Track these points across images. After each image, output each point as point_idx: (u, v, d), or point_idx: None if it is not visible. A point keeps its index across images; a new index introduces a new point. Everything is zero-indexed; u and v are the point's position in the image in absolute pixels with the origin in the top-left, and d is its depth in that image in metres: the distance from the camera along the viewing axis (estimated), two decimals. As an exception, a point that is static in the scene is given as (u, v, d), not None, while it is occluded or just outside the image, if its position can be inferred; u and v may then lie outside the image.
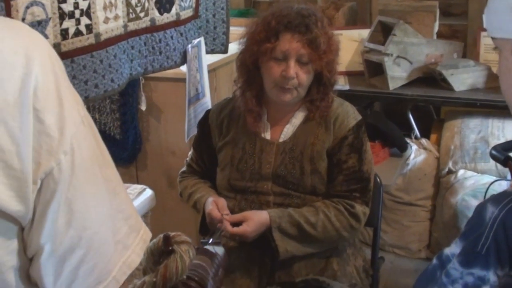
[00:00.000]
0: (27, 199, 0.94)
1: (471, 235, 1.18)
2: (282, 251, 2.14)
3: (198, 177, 2.48)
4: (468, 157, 3.85)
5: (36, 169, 0.93)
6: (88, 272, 1.02)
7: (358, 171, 2.21)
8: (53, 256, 0.99)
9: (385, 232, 4.10)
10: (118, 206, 1.07)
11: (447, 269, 1.19)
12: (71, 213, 0.98)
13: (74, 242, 0.99)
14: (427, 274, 1.27)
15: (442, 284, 1.19)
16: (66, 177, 0.96)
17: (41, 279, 1.03)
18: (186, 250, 1.38)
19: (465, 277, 1.16)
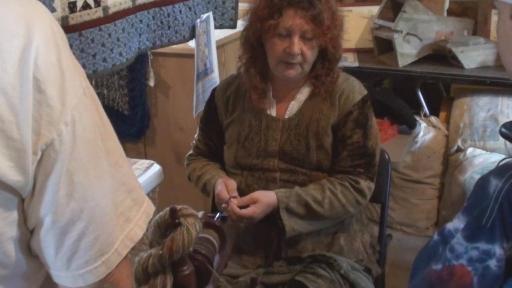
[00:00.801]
0: (27, 169, 0.93)
1: (474, 209, 1.17)
2: (289, 230, 2.15)
3: (206, 159, 2.48)
4: (477, 135, 3.84)
5: (36, 140, 0.93)
6: (90, 245, 1.02)
7: (363, 147, 2.20)
8: (54, 228, 0.99)
9: (393, 210, 4.10)
10: (121, 179, 1.07)
11: (451, 244, 1.18)
12: (72, 184, 0.97)
13: (76, 214, 0.99)
14: (428, 250, 1.26)
15: (447, 259, 1.18)
16: (67, 148, 0.96)
17: (42, 251, 1.03)
18: (192, 223, 1.37)
19: (470, 251, 1.15)
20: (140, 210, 1.11)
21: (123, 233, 1.07)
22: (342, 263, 2.18)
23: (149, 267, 1.35)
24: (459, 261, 1.16)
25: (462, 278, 1.16)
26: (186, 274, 1.40)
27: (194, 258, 1.47)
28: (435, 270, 1.20)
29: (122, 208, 1.07)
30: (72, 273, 1.04)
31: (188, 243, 1.35)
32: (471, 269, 1.15)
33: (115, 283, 1.09)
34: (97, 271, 1.04)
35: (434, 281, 1.19)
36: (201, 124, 2.48)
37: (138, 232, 1.10)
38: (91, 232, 1.01)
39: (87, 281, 1.05)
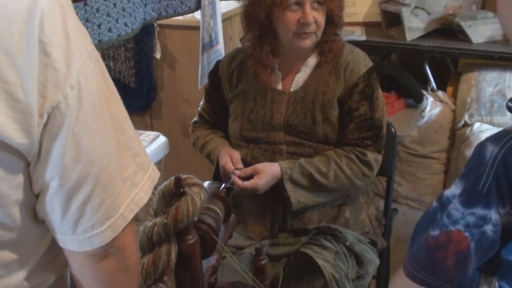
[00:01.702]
0: (32, 132, 0.93)
1: (471, 175, 1.17)
2: (294, 202, 2.14)
3: (210, 127, 2.47)
4: (484, 110, 3.82)
5: (42, 103, 0.93)
6: (96, 208, 1.03)
7: (370, 119, 2.19)
8: (60, 192, 1.00)
9: (399, 184, 4.09)
10: (126, 144, 1.07)
11: (448, 210, 1.18)
12: (78, 148, 0.97)
13: (82, 177, 0.99)
14: (427, 217, 1.26)
15: (444, 225, 1.18)
16: (73, 111, 0.96)
17: (48, 216, 1.04)
18: (197, 193, 1.37)
19: (467, 217, 1.15)
20: (145, 175, 1.12)
21: (129, 197, 1.07)
22: (348, 235, 2.18)
23: (153, 236, 1.36)
24: (456, 227, 1.16)
25: (459, 244, 1.16)
26: (191, 243, 1.41)
27: (199, 227, 1.47)
28: (432, 236, 1.20)
29: (127, 173, 1.07)
30: (78, 237, 1.04)
31: (192, 212, 1.35)
32: (468, 235, 1.16)
33: (120, 247, 1.10)
34: (103, 235, 1.05)
35: (432, 247, 1.20)
36: (206, 95, 2.47)
37: (144, 197, 1.11)
38: (97, 195, 1.02)
39: (93, 244, 1.05)
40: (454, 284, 1.20)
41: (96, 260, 1.09)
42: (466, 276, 1.18)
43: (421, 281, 1.23)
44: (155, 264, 1.35)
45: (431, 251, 1.20)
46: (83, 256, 1.08)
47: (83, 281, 1.14)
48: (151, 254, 1.37)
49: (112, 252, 1.09)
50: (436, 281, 1.21)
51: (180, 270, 1.43)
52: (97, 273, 1.11)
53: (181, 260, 1.41)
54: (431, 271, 1.21)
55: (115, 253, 1.10)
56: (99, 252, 1.07)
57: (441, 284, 1.21)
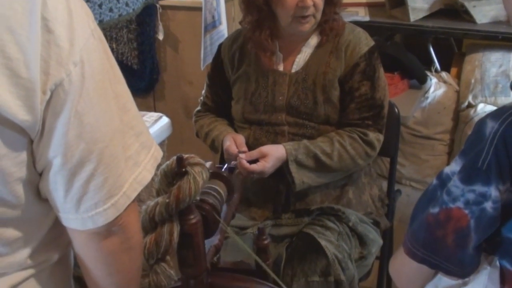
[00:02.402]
0: (35, 109, 0.93)
1: (471, 152, 1.16)
2: (298, 183, 2.14)
3: (214, 115, 2.47)
4: (488, 91, 3.80)
5: (45, 80, 0.93)
6: (99, 187, 1.03)
7: (371, 99, 2.18)
8: (63, 170, 1.00)
9: (403, 166, 4.09)
10: (129, 122, 1.07)
11: (448, 187, 1.18)
12: (82, 126, 0.97)
13: (85, 155, 0.99)
14: (428, 194, 1.25)
15: (443, 202, 1.18)
16: (76, 89, 0.96)
17: (51, 194, 1.04)
18: (199, 172, 1.37)
19: (466, 194, 1.15)
20: (148, 154, 1.12)
21: (132, 176, 1.08)
22: (351, 215, 2.18)
23: (155, 215, 1.36)
24: (455, 204, 1.16)
25: (459, 221, 1.16)
26: (193, 223, 1.41)
27: (201, 207, 1.48)
28: (432, 213, 1.19)
29: (130, 152, 1.07)
30: (81, 216, 1.05)
31: (194, 192, 1.35)
32: (467, 212, 1.15)
33: (123, 226, 1.10)
34: (106, 213, 1.05)
35: (431, 225, 1.20)
36: (208, 80, 2.46)
37: (147, 176, 1.11)
38: (100, 174, 1.02)
39: (97, 223, 1.06)
40: (454, 262, 1.20)
41: (99, 238, 1.09)
42: (466, 254, 1.18)
43: (421, 259, 1.23)
44: (157, 243, 1.36)
45: (431, 229, 1.20)
46: (86, 235, 1.09)
47: (86, 260, 1.15)
48: (153, 233, 1.37)
49: (115, 231, 1.10)
50: (435, 259, 1.21)
51: (183, 250, 1.44)
52: (99, 252, 1.12)
53: (184, 239, 1.41)
54: (430, 249, 1.21)
55: (118, 232, 1.10)
56: (102, 230, 1.08)
57: (440, 262, 1.21)
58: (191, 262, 1.46)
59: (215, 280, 1.56)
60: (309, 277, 2.00)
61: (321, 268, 2.00)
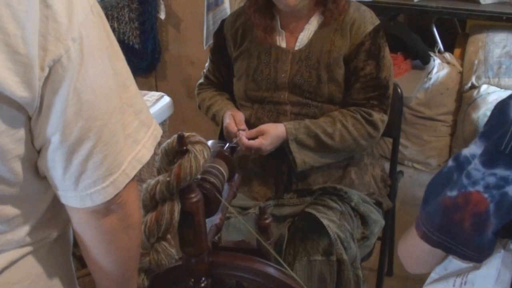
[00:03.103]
0: (33, 85, 0.92)
1: (493, 134, 1.13)
2: (299, 163, 2.13)
3: (216, 89, 2.45)
4: (492, 72, 3.79)
5: (43, 56, 0.92)
6: (98, 165, 1.02)
7: (376, 78, 2.15)
8: (62, 147, 0.99)
9: (405, 147, 4.09)
10: (128, 100, 1.06)
11: (468, 170, 1.14)
12: (80, 103, 0.97)
13: (83, 133, 0.99)
14: (442, 176, 1.22)
15: (462, 185, 1.14)
16: (75, 65, 0.95)
17: (49, 171, 1.04)
18: (200, 150, 1.36)
19: (487, 177, 1.12)
20: (148, 132, 1.11)
21: (131, 154, 1.07)
22: (353, 195, 2.17)
23: (156, 194, 1.35)
24: (475, 188, 1.13)
25: (478, 205, 1.13)
26: (194, 202, 1.40)
27: (203, 186, 1.47)
28: (450, 197, 1.16)
29: (129, 129, 1.06)
30: (80, 193, 1.04)
31: (195, 170, 1.34)
32: (487, 196, 1.12)
33: (122, 205, 1.09)
34: (105, 191, 1.04)
35: (449, 208, 1.16)
36: (211, 55, 2.45)
37: (146, 154, 1.10)
38: (99, 151, 1.01)
39: (95, 201, 1.05)
40: (471, 247, 1.17)
41: (98, 216, 1.09)
42: (483, 239, 1.15)
43: (436, 243, 1.20)
44: (158, 222, 1.35)
45: (448, 212, 1.16)
46: (85, 213, 1.08)
47: (85, 238, 1.14)
48: (154, 212, 1.36)
49: (114, 209, 1.09)
50: (451, 243, 1.18)
51: (184, 228, 1.43)
52: (98, 230, 1.11)
53: (185, 218, 1.40)
54: (447, 232, 1.18)
55: (117, 210, 1.10)
56: (100, 208, 1.07)
57: (456, 246, 1.18)
58: (192, 241, 1.45)
59: (216, 259, 1.56)
60: (311, 256, 2.00)
61: (323, 248, 2.00)
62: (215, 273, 1.57)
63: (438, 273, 1.33)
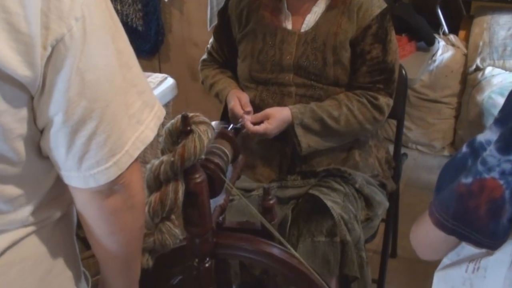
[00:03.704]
0: (35, 65, 0.92)
1: (509, 121, 1.11)
2: (304, 147, 2.13)
3: (219, 66, 2.45)
4: (497, 54, 3.78)
5: (46, 34, 0.91)
6: (101, 145, 1.02)
7: (382, 62, 2.15)
8: (65, 127, 0.99)
9: (409, 129, 4.08)
10: (131, 80, 1.05)
11: (483, 156, 1.13)
12: (83, 83, 0.96)
13: (86, 113, 0.98)
14: (456, 162, 1.21)
15: (478, 172, 1.13)
16: (77, 45, 0.94)
17: (52, 151, 1.03)
18: (204, 130, 1.36)
19: (503, 164, 1.10)
20: (151, 112, 1.10)
21: (135, 134, 1.06)
22: (357, 177, 2.17)
23: (160, 174, 1.35)
24: (490, 174, 1.11)
25: (493, 192, 1.11)
26: (198, 182, 1.40)
27: (207, 166, 1.47)
28: (465, 183, 1.15)
29: (133, 110, 1.06)
30: (83, 174, 1.04)
31: (199, 150, 1.34)
32: (502, 183, 1.10)
33: (126, 185, 1.09)
34: (108, 172, 1.04)
35: (463, 195, 1.15)
36: (215, 34, 2.44)
37: (149, 135, 1.10)
38: (102, 132, 1.01)
39: (98, 181, 1.05)
40: (486, 234, 1.16)
41: (101, 197, 1.09)
42: (498, 226, 1.13)
43: (450, 230, 1.19)
44: (162, 202, 1.35)
45: (463, 199, 1.15)
46: (88, 193, 1.08)
47: (88, 218, 1.15)
48: (158, 192, 1.36)
49: (117, 190, 1.09)
50: (466, 230, 1.16)
51: (188, 209, 1.43)
52: (102, 211, 1.11)
53: (189, 198, 1.40)
54: (461, 220, 1.16)
55: (120, 191, 1.10)
56: (104, 189, 1.07)
57: (471, 233, 1.16)
58: (196, 221, 1.46)
59: (220, 240, 1.56)
60: (315, 237, 2.00)
61: (327, 229, 2.00)
62: (219, 254, 1.58)
63: (450, 259, 1.32)
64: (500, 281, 1.21)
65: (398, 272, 2.99)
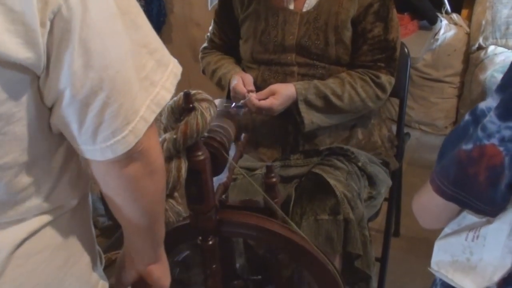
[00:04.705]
0: (37, 44, 0.89)
1: (510, 86, 1.10)
2: (307, 123, 2.12)
3: (221, 53, 2.44)
4: (499, 33, 3.77)
5: (43, 9, 0.88)
6: (114, 115, 0.98)
7: (384, 40, 2.14)
8: (75, 102, 0.96)
9: (412, 109, 4.08)
10: (141, 40, 1.01)
11: (484, 122, 1.12)
12: (89, 53, 0.93)
13: (96, 84, 0.95)
14: (458, 131, 1.21)
15: (478, 138, 1.12)
16: (77, 15, 0.91)
17: (65, 128, 1.01)
18: (206, 108, 1.36)
19: (503, 130, 1.09)
20: (166, 71, 1.06)
21: (149, 98, 1.03)
22: (360, 155, 2.17)
23: (163, 151, 1.35)
24: (490, 141, 1.11)
25: (492, 159, 1.11)
26: (201, 159, 1.40)
27: (209, 144, 1.47)
28: (465, 150, 1.14)
29: (145, 72, 1.02)
30: (99, 146, 1.01)
31: (202, 127, 1.34)
32: (502, 149, 1.10)
33: (144, 151, 1.06)
34: (125, 141, 1.01)
35: (463, 162, 1.15)
36: (216, 18, 2.42)
37: (166, 95, 1.06)
38: (114, 101, 0.97)
39: (116, 152, 1.02)
40: (485, 200, 1.16)
41: (121, 166, 1.06)
42: (497, 192, 1.13)
43: (450, 197, 1.19)
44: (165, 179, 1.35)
45: (463, 165, 1.15)
46: (107, 164, 1.05)
47: (109, 188, 1.13)
48: (161, 170, 1.36)
49: (136, 157, 1.06)
50: (465, 197, 1.17)
51: (191, 186, 1.44)
52: (122, 179, 1.09)
53: (192, 176, 1.41)
54: (461, 186, 1.16)
55: (139, 158, 1.06)
56: (123, 158, 1.04)
57: (470, 199, 1.16)
58: (199, 199, 1.46)
59: (224, 217, 1.57)
60: (318, 215, 2.00)
61: (330, 207, 2.00)
62: (222, 231, 1.58)
63: (451, 228, 1.32)
64: (499, 249, 1.22)
65: (401, 251, 3.00)
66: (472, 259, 1.27)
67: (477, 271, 1.26)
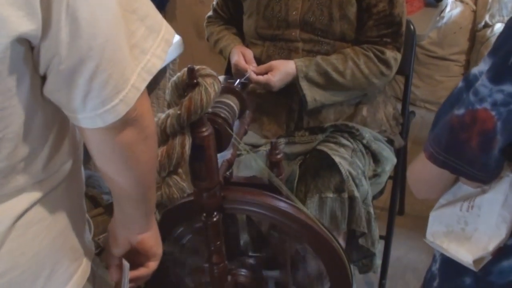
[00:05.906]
0: (36, 14, 0.88)
1: (501, 49, 1.08)
2: (310, 100, 2.11)
3: (224, 23, 2.43)
4: (506, 10, 3.74)
5: None
6: (104, 84, 0.97)
7: (389, 15, 2.12)
8: (63, 70, 0.94)
9: (417, 87, 4.06)
10: (130, 6, 0.98)
11: (476, 86, 1.10)
12: (76, 22, 0.91)
13: (84, 53, 0.93)
14: (452, 97, 1.19)
15: (470, 103, 1.10)
16: None
17: (55, 95, 1.00)
18: (211, 83, 1.35)
19: (494, 94, 1.07)
20: (157, 38, 1.03)
21: (139, 65, 1.01)
22: (365, 133, 2.16)
23: (167, 127, 1.35)
24: (482, 105, 1.09)
25: (485, 123, 1.09)
26: (205, 135, 1.39)
27: (214, 120, 1.46)
28: (457, 115, 1.13)
29: (135, 39, 1.00)
30: (89, 114, 1.00)
31: (206, 103, 1.33)
32: (494, 114, 1.08)
33: (137, 117, 1.05)
34: (115, 110, 1.00)
35: (455, 127, 1.13)
36: None
37: (157, 63, 1.04)
38: (103, 70, 0.96)
39: (106, 120, 1.01)
40: (477, 166, 1.14)
41: (114, 133, 1.05)
42: (490, 158, 1.12)
43: (442, 163, 1.17)
44: (169, 156, 1.35)
45: (455, 131, 1.13)
46: (99, 132, 1.04)
47: (102, 156, 1.12)
48: (165, 146, 1.36)
49: (129, 124, 1.05)
50: (458, 163, 1.15)
51: (195, 163, 1.43)
52: (116, 146, 1.08)
53: (196, 152, 1.40)
54: (453, 152, 1.15)
55: (132, 124, 1.06)
56: (115, 126, 1.03)
57: (463, 166, 1.15)
58: (203, 175, 1.45)
59: (228, 194, 1.56)
60: (323, 193, 2.00)
61: (335, 185, 1.99)
62: (226, 208, 1.58)
63: (446, 199, 1.32)
64: (493, 218, 1.21)
65: (406, 229, 3.00)
66: (467, 229, 1.27)
67: (472, 241, 1.26)
